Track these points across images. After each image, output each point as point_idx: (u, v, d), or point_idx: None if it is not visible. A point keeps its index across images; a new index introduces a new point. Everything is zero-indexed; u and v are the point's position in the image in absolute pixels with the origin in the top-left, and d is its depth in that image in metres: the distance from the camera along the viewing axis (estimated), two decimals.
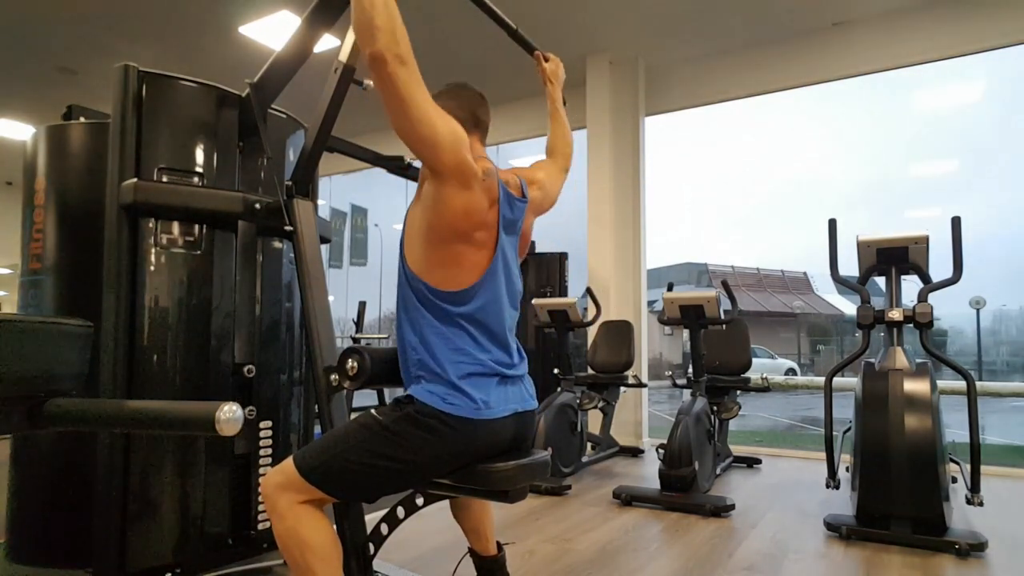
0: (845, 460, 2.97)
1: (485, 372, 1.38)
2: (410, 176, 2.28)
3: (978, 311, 12.73)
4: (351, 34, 1.65)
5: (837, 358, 18.05)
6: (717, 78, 5.20)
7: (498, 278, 1.43)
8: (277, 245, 2.28)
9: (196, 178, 2.08)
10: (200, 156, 2.10)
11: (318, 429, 1.76)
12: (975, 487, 2.55)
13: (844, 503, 3.02)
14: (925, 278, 2.89)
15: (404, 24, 1.25)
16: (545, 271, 5.62)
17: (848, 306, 21.16)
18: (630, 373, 4.43)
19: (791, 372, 16.72)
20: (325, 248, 2.20)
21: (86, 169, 2.16)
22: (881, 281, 3.02)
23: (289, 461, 1.35)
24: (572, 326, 4.06)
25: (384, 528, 1.50)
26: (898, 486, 2.54)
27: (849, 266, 3.05)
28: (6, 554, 2.17)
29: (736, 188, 47.09)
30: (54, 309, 2.13)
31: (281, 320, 2.28)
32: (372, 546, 1.51)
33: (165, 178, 2.02)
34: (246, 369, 2.12)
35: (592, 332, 4.65)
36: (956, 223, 2.80)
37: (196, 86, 2.12)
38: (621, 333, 4.47)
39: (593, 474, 3.95)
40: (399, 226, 1.51)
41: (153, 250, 1.99)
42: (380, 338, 6.87)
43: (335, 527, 1.40)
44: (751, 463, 4.23)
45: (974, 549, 2.40)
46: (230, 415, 1.10)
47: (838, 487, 2.80)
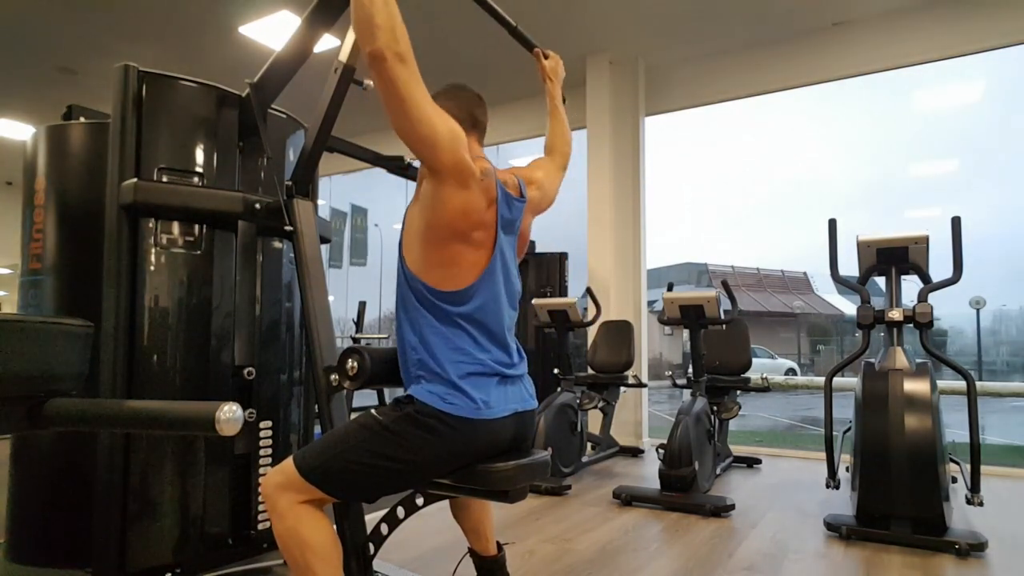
0: (845, 460, 2.97)
1: (485, 372, 1.38)
2: (410, 176, 2.28)
3: (978, 311, 12.73)
4: (351, 34, 1.65)
5: (837, 358, 18.04)
6: (717, 78, 5.20)
7: (497, 278, 1.43)
8: (277, 245, 2.28)
9: (196, 178, 2.08)
10: (200, 156, 2.10)
11: (318, 429, 1.76)
12: (975, 487, 2.55)
13: (844, 503, 3.02)
14: (925, 278, 2.89)
15: (404, 23, 1.26)
16: (545, 271, 5.62)
17: (848, 306, 21.16)
18: (630, 373, 4.43)
19: (791, 372, 16.72)
20: (325, 248, 2.20)
21: (86, 169, 2.16)
22: (881, 281, 3.02)
23: (289, 461, 1.35)
24: (572, 326, 4.06)
25: (384, 528, 1.50)
26: (898, 486, 2.54)
27: (849, 266, 3.05)
28: (6, 554, 2.17)
29: (736, 188, 47.08)
30: (54, 309, 2.13)
31: (281, 320, 2.28)
32: (372, 546, 1.51)
33: (165, 178, 2.02)
34: (246, 371, 2.12)
35: (592, 332, 4.65)
36: (956, 223, 2.81)
37: (196, 86, 2.12)
38: (621, 333, 4.47)
39: (593, 474, 3.95)
40: (399, 226, 1.51)
41: (153, 250, 1.99)
42: (380, 338, 6.87)
43: (335, 527, 1.41)
44: (751, 463, 4.23)
45: (974, 549, 2.41)
46: (230, 415, 1.11)
47: (838, 487, 2.80)
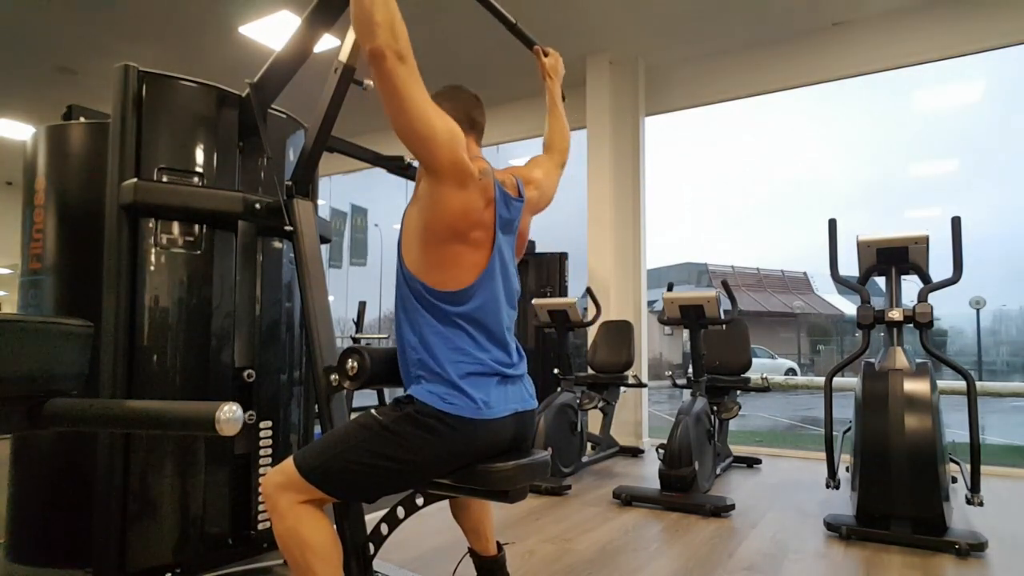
0: (845, 460, 2.97)
1: (485, 372, 1.38)
2: (410, 176, 2.28)
3: (978, 311, 12.72)
4: (351, 34, 1.65)
5: (837, 358, 18.04)
6: (717, 78, 5.20)
7: (495, 278, 1.43)
8: (277, 245, 2.28)
9: (196, 178, 2.08)
10: (200, 156, 2.10)
11: (318, 429, 1.76)
12: (975, 487, 2.55)
13: (844, 503, 3.02)
14: (925, 278, 2.89)
15: (404, 23, 1.26)
16: (545, 271, 5.62)
17: (848, 306, 21.15)
18: (630, 373, 4.43)
19: (791, 372, 16.72)
20: (325, 248, 2.20)
21: (86, 169, 2.16)
22: (881, 281, 3.02)
23: (289, 461, 1.35)
24: (572, 326, 4.06)
25: (384, 528, 1.50)
26: (898, 486, 2.54)
27: (849, 266, 3.05)
28: (6, 554, 2.17)
29: (736, 188, 47.07)
30: (54, 309, 2.13)
31: (281, 320, 2.28)
32: (372, 546, 1.51)
33: (165, 178, 2.02)
34: (246, 374, 2.12)
35: (592, 332, 4.65)
36: (956, 223, 2.80)
37: (196, 86, 2.12)
38: (621, 333, 4.47)
39: (593, 474, 3.95)
40: (399, 226, 1.51)
41: (153, 250, 1.99)
42: (380, 338, 6.87)
43: (335, 527, 1.41)
44: (751, 463, 4.23)
45: (974, 549, 2.41)
46: (230, 415, 1.11)
47: (838, 487, 2.80)
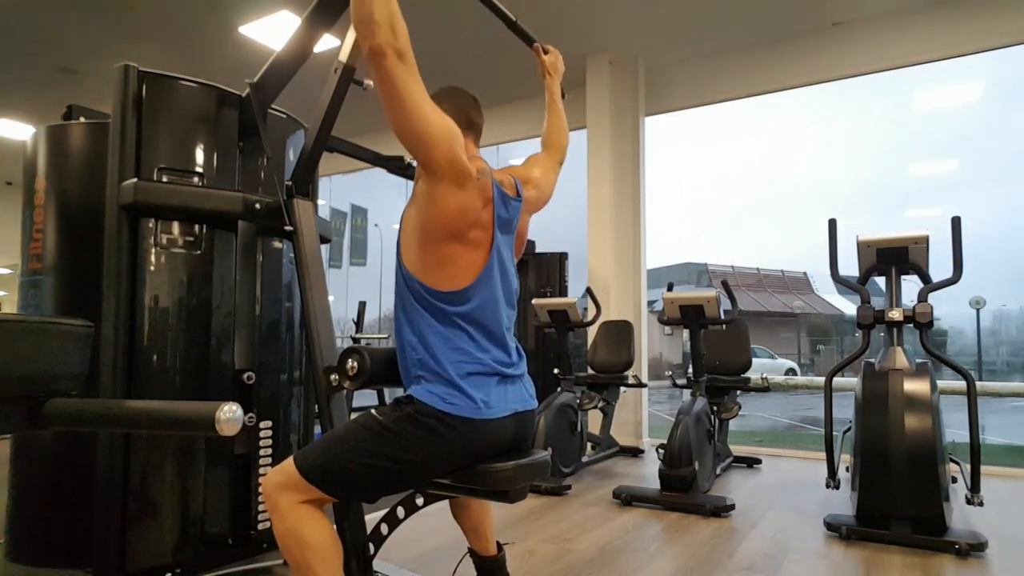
0: (845, 460, 2.97)
1: (485, 371, 1.38)
2: (410, 176, 2.28)
3: (978, 311, 12.72)
4: (351, 34, 1.65)
5: (837, 358, 18.04)
6: (717, 78, 5.20)
7: (494, 278, 1.43)
8: (277, 245, 2.28)
9: (196, 178, 2.08)
10: (200, 156, 2.10)
11: (318, 429, 1.76)
12: (975, 487, 2.55)
13: (844, 503, 3.02)
14: (925, 278, 2.89)
15: (404, 22, 1.25)
16: (545, 271, 5.62)
17: (848, 306, 21.15)
18: (630, 373, 4.43)
19: (791, 372, 16.72)
20: (325, 248, 2.20)
21: (86, 169, 2.16)
22: (881, 281, 3.02)
23: (289, 461, 1.35)
24: (572, 326, 4.06)
25: (384, 528, 1.50)
26: (898, 486, 2.54)
27: (849, 266, 3.05)
28: (6, 554, 2.17)
29: (736, 188, 47.05)
30: (54, 309, 2.13)
31: (281, 320, 2.28)
32: (372, 546, 1.51)
33: (165, 178, 2.02)
34: (246, 376, 2.11)
35: (592, 332, 4.65)
36: (956, 223, 2.80)
37: (196, 86, 2.12)
38: (621, 333, 4.47)
39: (593, 474, 3.95)
40: (398, 226, 1.51)
41: (153, 250, 1.99)
42: (380, 338, 6.87)
43: (335, 527, 1.40)
44: (751, 463, 4.23)
45: (974, 549, 2.41)
46: (230, 415, 1.11)
47: (838, 487, 2.80)
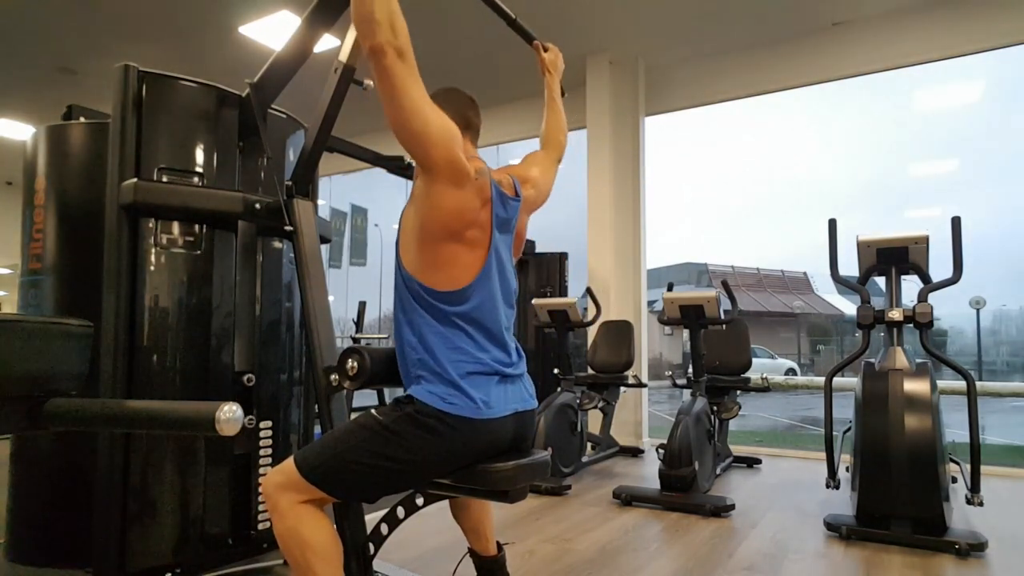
0: (845, 460, 2.97)
1: (485, 371, 1.38)
2: (410, 176, 2.28)
3: (978, 311, 12.72)
4: (351, 34, 1.65)
5: (837, 358, 18.04)
6: (717, 78, 5.20)
7: (492, 277, 1.44)
8: (277, 245, 2.28)
9: (196, 178, 2.08)
10: (200, 156, 2.10)
11: (318, 429, 1.76)
12: (975, 487, 2.55)
13: (844, 503, 3.02)
14: (925, 278, 2.89)
15: (404, 22, 1.25)
16: (545, 271, 5.62)
17: (848, 306, 21.15)
18: (630, 373, 4.43)
19: (791, 372, 16.71)
20: (325, 248, 2.20)
21: (86, 169, 2.16)
22: (881, 281, 3.02)
23: (290, 461, 1.35)
24: (572, 326, 4.06)
25: (384, 528, 1.50)
26: (898, 486, 2.54)
27: (849, 266, 3.05)
28: (6, 554, 2.17)
29: (736, 188, 47.01)
30: (54, 309, 2.13)
31: (281, 320, 2.28)
32: (372, 546, 1.51)
33: (165, 178, 2.02)
34: (246, 378, 2.11)
35: (592, 332, 4.65)
36: (956, 223, 2.80)
37: (196, 86, 2.12)
38: (621, 333, 4.47)
39: (593, 474, 3.95)
40: (397, 226, 1.51)
41: (153, 250, 1.99)
42: (380, 338, 6.87)
43: (335, 527, 1.40)
44: (751, 463, 4.23)
45: (974, 549, 2.41)
46: (230, 415, 1.11)
47: (838, 487, 2.80)
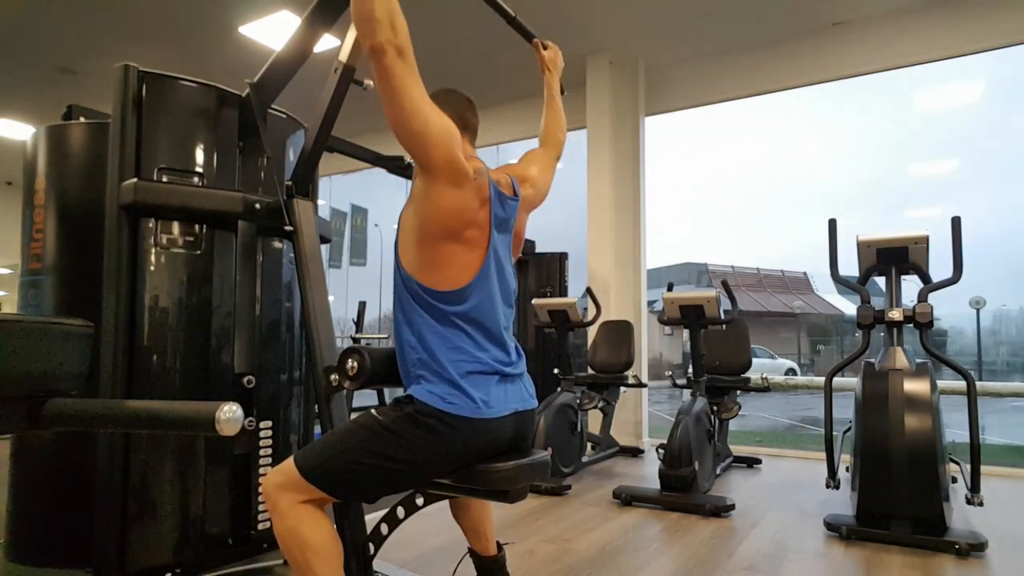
0: (845, 460, 2.97)
1: (484, 370, 1.38)
2: (409, 176, 2.28)
3: (978, 311, 12.72)
4: (351, 34, 1.65)
5: (837, 358, 18.03)
6: (717, 78, 5.20)
7: (491, 277, 1.44)
8: (277, 245, 2.28)
9: (196, 178, 2.08)
10: (200, 156, 2.10)
11: (318, 429, 1.76)
12: (975, 487, 2.55)
13: (844, 503, 3.02)
14: (925, 278, 2.89)
15: (405, 20, 1.25)
16: (545, 271, 5.62)
17: (848, 306, 21.15)
18: (630, 373, 4.43)
19: (791, 372, 16.72)
20: (325, 248, 2.20)
21: (86, 169, 2.16)
22: (881, 281, 3.02)
23: (290, 461, 1.35)
24: (572, 326, 4.06)
25: (384, 528, 1.50)
26: (898, 486, 2.54)
27: (849, 266, 3.05)
28: (6, 554, 2.17)
29: (736, 188, 47.00)
30: (54, 309, 2.13)
31: (281, 320, 2.28)
32: (372, 546, 1.51)
33: (165, 178, 2.02)
34: (246, 380, 2.11)
35: (592, 332, 4.65)
36: (956, 223, 2.80)
37: (196, 86, 2.12)
38: (621, 333, 4.47)
39: (593, 474, 3.95)
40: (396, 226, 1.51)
41: (153, 250, 1.99)
42: (380, 338, 6.87)
43: (335, 527, 1.40)
44: (751, 463, 4.23)
45: (974, 549, 2.41)
46: (230, 415, 1.11)
47: (838, 487, 2.80)
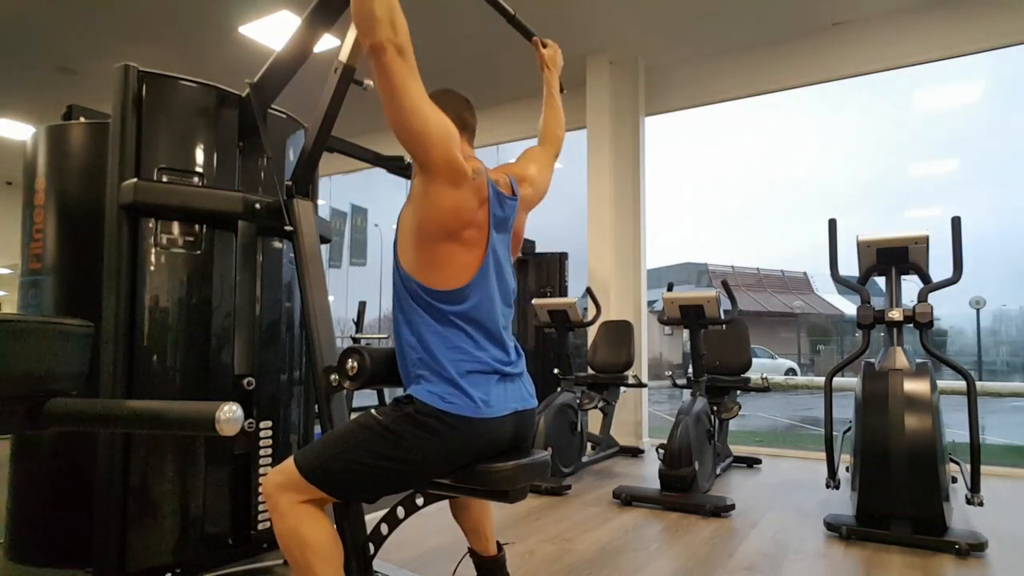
0: (845, 460, 2.97)
1: (484, 370, 1.38)
2: (409, 176, 2.28)
3: (978, 311, 12.73)
4: (351, 34, 1.65)
5: (837, 358, 18.03)
6: (717, 78, 5.20)
7: (490, 276, 1.44)
8: (277, 245, 2.28)
9: (196, 178, 2.08)
10: (200, 156, 2.10)
11: (318, 429, 1.76)
12: (975, 487, 2.55)
13: (844, 503, 3.02)
14: (925, 278, 2.89)
15: (405, 20, 1.25)
16: (545, 271, 5.62)
17: (848, 306, 21.15)
18: (630, 373, 4.43)
19: (791, 372, 16.72)
20: (325, 248, 2.20)
21: (86, 169, 2.16)
22: (881, 281, 3.02)
23: (290, 461, 1.35)
24: (572, 326, 4.06)
25: (384, 528, 1.50)
26: (898, 486, 2.54)
27: (849, 266, 3.05)
28: (6, 554, 2.17)
29: (736, 188, 47.03)
30: (54, 309, 2.13)
31: (281, 320, 2.28)
32: (372, 546, 1.51)
33: (165, 178, 2.02)
34: (246, 381, 2.10)
35: (592, 332, 4.65)
36: (956, 223, 2.80)
37: (196, 86, 2.12)
38: (621, 333, 4.47)
39: (593, 474, 3.95)
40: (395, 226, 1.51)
41: (153, 250, 1.99)
42: (380, 338, 6.87)
43: (335, 527, 1.40)
44: (751, 463, 4.23)
45: (974, 549, 2.41)
46: (230, 415, 1.11)
47: (838, 487, 2.80)
